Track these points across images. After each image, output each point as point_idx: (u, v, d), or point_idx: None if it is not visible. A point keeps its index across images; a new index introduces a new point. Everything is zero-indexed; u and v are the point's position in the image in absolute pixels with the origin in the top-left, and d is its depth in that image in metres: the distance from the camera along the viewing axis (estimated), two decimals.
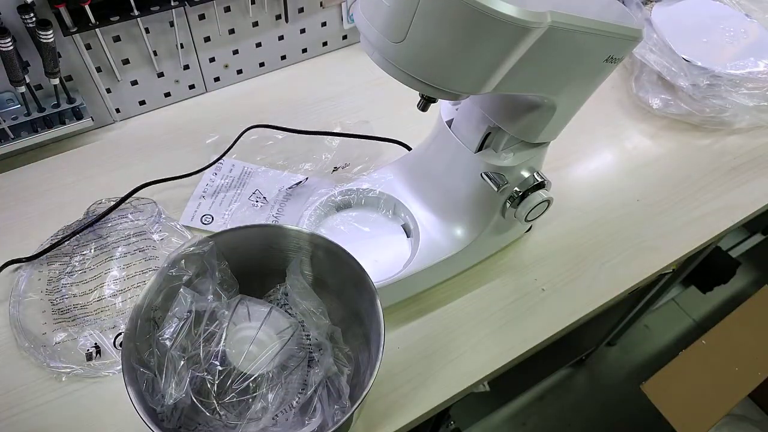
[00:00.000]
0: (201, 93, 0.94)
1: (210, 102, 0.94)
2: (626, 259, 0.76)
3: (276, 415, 0.53)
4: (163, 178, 0.77)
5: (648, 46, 0.95)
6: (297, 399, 0.56)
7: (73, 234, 0.71)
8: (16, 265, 0.70)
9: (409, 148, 0.84)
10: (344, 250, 0.55)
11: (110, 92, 0.85)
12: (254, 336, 0.52)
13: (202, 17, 0.84)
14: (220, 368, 0.51)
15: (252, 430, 0.51)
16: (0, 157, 0.80)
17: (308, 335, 0.57)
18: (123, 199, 0.75)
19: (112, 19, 0.76)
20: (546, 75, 0.50)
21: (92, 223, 0.72)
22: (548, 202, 0.65)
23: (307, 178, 0.81)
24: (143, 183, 0.76)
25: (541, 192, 0.64)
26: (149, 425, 0.44)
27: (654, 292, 1.33)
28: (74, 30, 0.74)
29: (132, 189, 0.76)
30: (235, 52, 0.92)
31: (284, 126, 0.88)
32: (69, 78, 0.80)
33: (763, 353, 1.32)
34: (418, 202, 0.71)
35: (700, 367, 1.31)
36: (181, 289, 0.52)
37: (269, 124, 0.84)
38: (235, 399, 0.51)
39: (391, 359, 0.64)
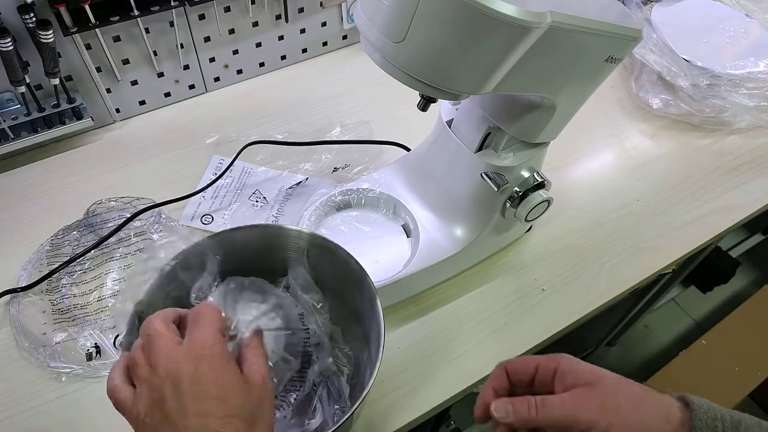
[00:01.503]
0: (201, 93, 0.94)
1: (210, 102, 0.94)
2: (626, 259, 0.76)
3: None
4: (167, 200, 0.75)
5: (648, 46, 0.95)
6: (295, 396, 0.56)
7: (67, 263, 0.69)
8: (16, 265, 0.70)
9: (407, 149, 0.84)
10: (344, 250, 0.55)
11: (110, 92, 0.85)
12: (255, 321, 0.51)
13: (202, 17, 0.84)
14: None
15: None
16: (0, 157, 0.80)
17: (307, 329, 0.57)
18: (128, 220, 0.75)
19: (112, 19, 0.76)
20: (546, 75, 0.50)
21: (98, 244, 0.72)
22: (548, 202, 0.65)
23: (307, 178, 0.81)
24: (147, 206, 0.75)
25: (541, 192, 0.64)
26: None
27: (654, 292, 1.33)
28: (74, 30, 0.74)
29: (132, 213, 0.76)
30: (235, 52, 0.92)
31: (284, 126, 0.89)
32: (69, 78, 0.80)
33: (763, 353, 1.32)
34: (418, 202, 0.71)
35: (700, 367, 1.31)
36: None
37: (270, 136, 0.83)
38: None
39: (391, 359, 0.64)
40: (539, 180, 0.63)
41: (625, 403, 0.36)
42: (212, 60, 0.91)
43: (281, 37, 0.94)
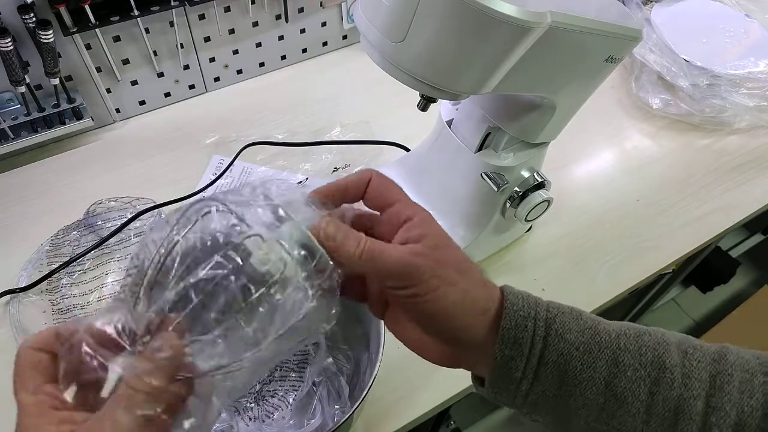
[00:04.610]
0: (201, 93, 0.94)
1: (210, 102, 0.94)
2: (626, 259, 0.76)
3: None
4: (167, 200, 0.76)
5: (648, 46, 0.95)
6: (294, 396, 0.56)
7: (66, 264, 0.70)
8: (16, 265, 0.70)
9: (407, 150, 0.84)
10: None
11: (110, 92, 0.85)
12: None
13: (202, 17, 0.84)
14: None
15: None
16: (0, 157, 0.80)
17: None
18: (129, 221, 0.75)
19: (112, 19, 0.76)
20: (546, 75, 0.50)
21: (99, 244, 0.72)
22: (548, 202, 0.65)
23: (307, 178, 0.81)
24: (148, 207, 0.76)
25: (541, 192, 0.64)
26: None
27: (654, 292, 1.33)
28: (74, 30, 0.74)
29: (132, 215, 0.76)
30: (235, 52, 0.92)
31: (284, 126, 0.88)
32: (69, 78, 0.80)
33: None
34: (417, 201, 0.71)
35: None
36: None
37: (270, 136, 0.84)
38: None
39: (391, 359, 0.64)
40: (539, 180, 0.63)
41: (459, 279, 0.33)
42: (212, 60, 0.91)
43: (281, 37, 0.94)
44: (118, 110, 0.88)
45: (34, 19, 0.69)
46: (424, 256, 0.32)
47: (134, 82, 0.86)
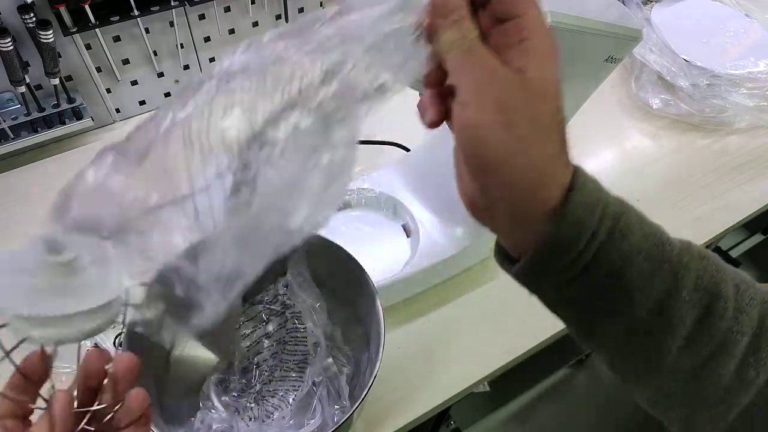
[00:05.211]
0: None
1: None
2: None
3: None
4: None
5: (648, 46, 0.95)
6: (294, 396, 0.56)
7: None
8: None
9: (407, 150, 0.83)
10: (344, 250, 0.55)
11: (110, 92, 0.85)
12: None
13: (202, 17, 0.84)
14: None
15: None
16: (0, 157, 0.80)
17: (304, 327, 0.57)
18: None
19: (112, 19, 0.76)
20: None
21: None
22: None
23: None
24: None
25: None
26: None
27: None
28: (74, 30, 0.74)
29: None
30: None
31: None
32: (69, 78, 0.80)
33: None
34: (418, 202, 0.71)
35: None
36: None
37: None
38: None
39: (390, 359, 0.64)
40: None
41: (522, 147, 0.30)
42: (212, 60, 0.91)
43: None
44: (118, 110, 0.88)
45: (34, 19, 0.69)
46: (492, 112, 0.29)
47: (134, 82, 0.86)
